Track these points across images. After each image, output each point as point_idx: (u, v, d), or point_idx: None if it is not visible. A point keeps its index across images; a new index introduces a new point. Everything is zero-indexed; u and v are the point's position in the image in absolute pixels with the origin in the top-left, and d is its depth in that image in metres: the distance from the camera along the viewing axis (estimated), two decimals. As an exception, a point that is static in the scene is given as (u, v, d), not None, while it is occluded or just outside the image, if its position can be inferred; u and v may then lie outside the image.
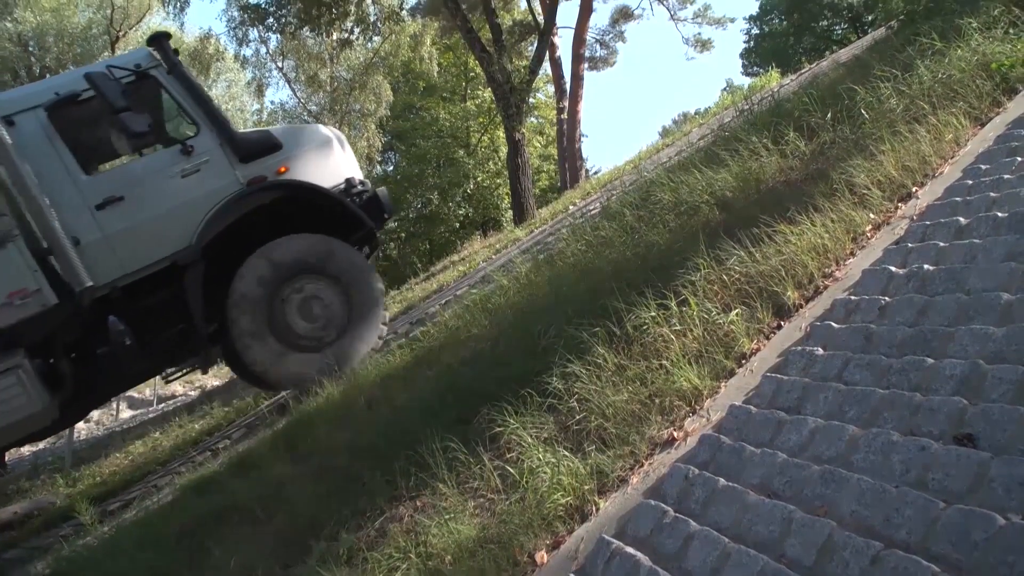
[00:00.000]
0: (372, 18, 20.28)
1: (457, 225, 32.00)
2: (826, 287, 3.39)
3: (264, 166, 6.92)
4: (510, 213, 22.95)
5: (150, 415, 16.80)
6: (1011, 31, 4.80)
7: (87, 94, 6.37)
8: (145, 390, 20.47)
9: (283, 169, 6.99)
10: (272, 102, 42.67)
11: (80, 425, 15.19)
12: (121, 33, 26.30)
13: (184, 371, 8.05)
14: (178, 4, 21.46)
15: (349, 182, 7.42)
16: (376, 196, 7.55)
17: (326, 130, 7.67)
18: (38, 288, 5.97)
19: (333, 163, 7.40)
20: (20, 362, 5.92)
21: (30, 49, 25.21)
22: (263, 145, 6.98)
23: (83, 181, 6.37)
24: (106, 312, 6.34)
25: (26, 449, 12.42)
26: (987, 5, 5.46)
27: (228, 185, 6.77)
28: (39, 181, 6.02)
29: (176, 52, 7.03)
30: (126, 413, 18.29)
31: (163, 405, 17.89)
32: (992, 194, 3.29)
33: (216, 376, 20.39)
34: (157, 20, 27.24)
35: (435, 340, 5.98)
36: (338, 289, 7.08)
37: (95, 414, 18.27)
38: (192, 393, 18.87)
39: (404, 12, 22.47)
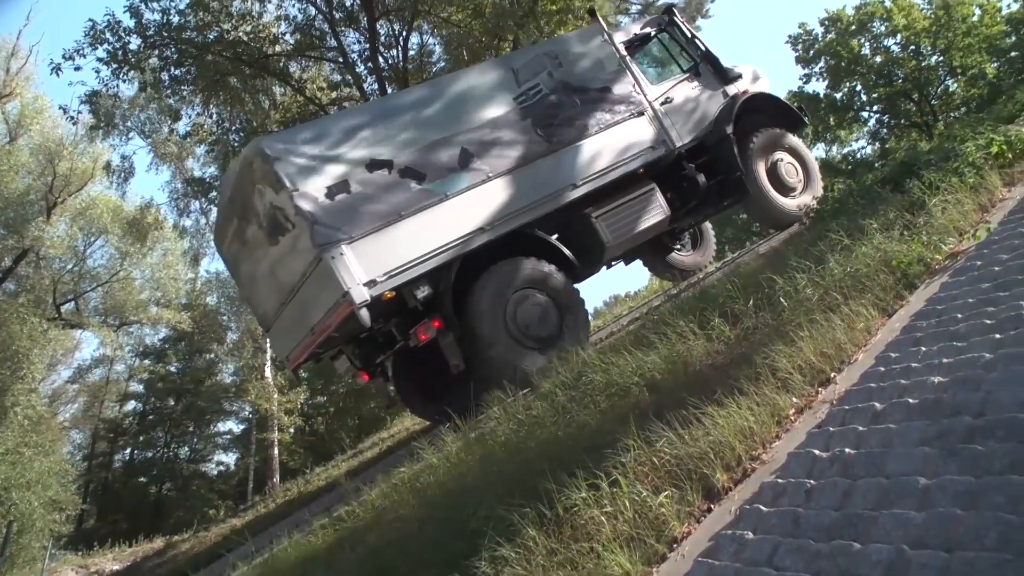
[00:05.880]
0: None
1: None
2: (754, 470, 3.42)
3: (735, 87, 10.51)
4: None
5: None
6: (905, 233, 5.25)
7: (653, 32, 10.33)
8: None
9: (745, 91, 10.52)
10: (207, 271, 43.03)
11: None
12: (60, 200, 26.35)
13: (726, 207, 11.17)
14: (122, 174, 21.95)
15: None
16: (801, 106, 12.26)
17: (760, 69, 11.33)
18: (661, 140, 9.55)
19: (769, 87, 11.09)
20: (652, 186, 9.40)
21: (-37, 212, 24.93)
22: (733, 74, 10.59)
23: (650, 87, 9.87)
24: (681, 166, 9.72)
25: None
26: (884, 208, 5.99)
27: (720, 97, 10.38)
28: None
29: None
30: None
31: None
32: (902, 381, 3.46)
33: (116, 559, 18.85)
34: (99, 188, 27.58)
35: (360, 520, 5.73)
36: (796, 157, 10.85)
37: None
38: (89, 580, 17.33)
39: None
